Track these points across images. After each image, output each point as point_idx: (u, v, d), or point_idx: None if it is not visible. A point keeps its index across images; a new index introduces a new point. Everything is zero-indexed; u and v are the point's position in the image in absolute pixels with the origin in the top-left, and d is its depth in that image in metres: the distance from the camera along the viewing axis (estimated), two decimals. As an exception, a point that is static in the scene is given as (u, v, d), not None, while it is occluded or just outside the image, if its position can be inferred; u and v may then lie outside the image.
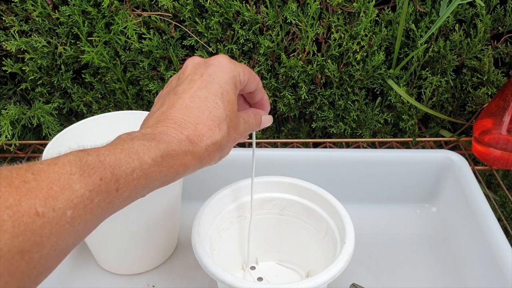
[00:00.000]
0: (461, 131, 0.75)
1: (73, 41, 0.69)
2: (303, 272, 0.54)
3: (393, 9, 0.68)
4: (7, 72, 0.73)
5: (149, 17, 0.66)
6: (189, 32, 0.68)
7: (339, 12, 0.66)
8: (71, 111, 0.78)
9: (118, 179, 0.27)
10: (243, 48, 0.69)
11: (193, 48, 0.71)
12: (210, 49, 0.68)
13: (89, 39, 0.68)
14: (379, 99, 0.73)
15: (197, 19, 0.66)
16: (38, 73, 0.71)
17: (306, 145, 0.74)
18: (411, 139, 0.73)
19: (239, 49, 0.69)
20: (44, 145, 0.71)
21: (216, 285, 0.51)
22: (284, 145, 0.73)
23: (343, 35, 0.67)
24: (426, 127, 0.78)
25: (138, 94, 0.75)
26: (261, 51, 0.68)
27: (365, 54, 0.68)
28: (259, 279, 0.54)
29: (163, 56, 0.69)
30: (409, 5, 0.66)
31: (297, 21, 0.66)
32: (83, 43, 0.67)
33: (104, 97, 0.75)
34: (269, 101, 0.71)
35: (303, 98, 0.71)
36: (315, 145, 0.74)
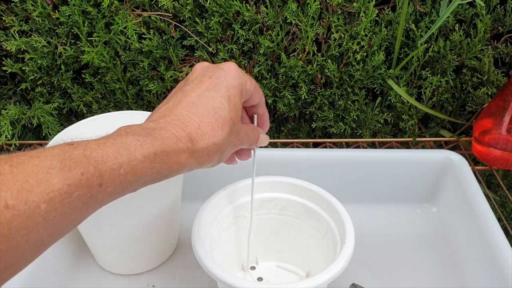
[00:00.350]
0: (461, 131, 0.75)
1: (73, 41, 0.69)
2: (303, 272, 0.54)
3: (393, 9, 0.68)
4: (7, 72, 0.73)
5: (149, 17, 0.66)
6: (189, 32, 0.68)
7: (339, 12, 0.66)
8: (71, 111, 0.78)
9: (102, 174, 0.27)
10: (243, 48, 0.69)
11: (193, 48, 0.71)
12: (210, 49, 0.68)
13: (89, 39, 0.68)
14: (379, 99, 0.73)
15: (197, 19, 0.66)
16: (38, 73, 0.71)
17: (306, 145, 0.74)
18: (411, 139, 0.73)
19: (239, 49, 0.69)
20: (44, 145, 0.71)
21: (216, 285, 0.51)
22: (284, 145, 0.73)
23: (343, 35, 0.67)
24: (426, 127, 0.78)
25: (138, 94, 0.75)
26: (261, 51, 0.68)
27: (365, 54, 0.68)
28: (259, 279, 0.54)
29: (163, 56, 0.69)
30: (409, 5, 0.66)
31: (297, 21, 0.66)
32: (83, 43, 0.67)
33: (104, 97, 0.75)
34: (269, 101, 0.72)
35: (303, 98, 0.71)
36: (315, 145, 0.74)
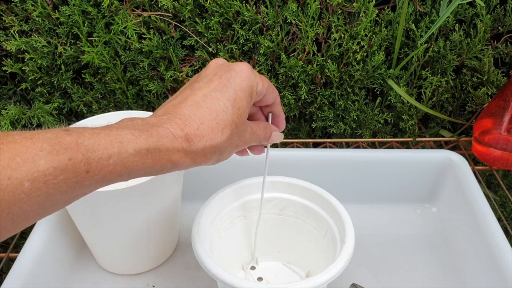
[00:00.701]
0: (461, 131, 0.75)
1: (73, 41, 0.69)
2: (303, 272, 0.54)
3: (393, 9, 0.68)
4: (7, 72, 0.73)
5: (149, 17, 0.67)
6: (189, 32, 0.68)
7: (339, 12, 0.66)
8: (71, 111, 0.78)
9: (89, 162, 0.28)
10: (243, 48, 0.69)
11: (193, 48, 0.71)
12: (210, 49, 0.68)
13: (89, 39, 0.68)
14: (379, 99, 0.73)
15: (197, 19, 0.66)
16: (38, 73, 0.71)
17: (306, 145, 0.74)
18: (411, 139, 0.73)
19: (239, 49, 0.69)
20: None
21: (216, 285, 0.51)
22: (284, 145, 0.73)
23: (343, 35, 0.67)
24: (426, 127, 0.78)
25: (138, 94, 0.75)
26: (261, 51, 0.68)
27: (365, 54, 0.68)
28: (259, 279, 0.54)
29: (163, 56, 0.69)
30: (409, 5, 0.66)
31: (297, 21, 0.66)
32: (83, 43, 0.67)
33: (104, 97, 0.75)
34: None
35: (303, 98, 0.71)
36: (315, 145, 0.74)
